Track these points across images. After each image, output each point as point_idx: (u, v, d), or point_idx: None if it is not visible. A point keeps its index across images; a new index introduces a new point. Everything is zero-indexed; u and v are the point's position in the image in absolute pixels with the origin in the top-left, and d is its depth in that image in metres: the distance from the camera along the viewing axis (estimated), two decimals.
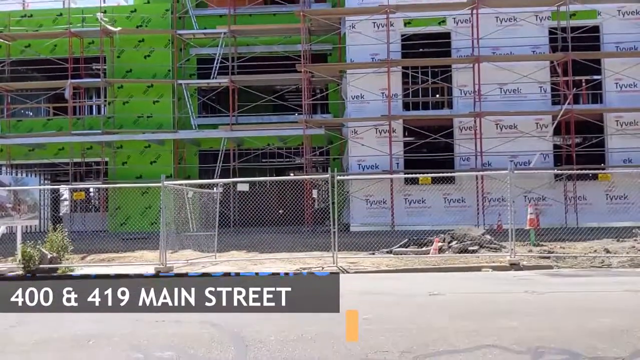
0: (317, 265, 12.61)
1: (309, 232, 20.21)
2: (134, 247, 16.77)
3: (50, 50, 24.74)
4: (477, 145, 20.77)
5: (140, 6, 25.23)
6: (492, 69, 20.95)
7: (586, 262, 12.30)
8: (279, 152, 25.12)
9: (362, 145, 21.39)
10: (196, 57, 25.25)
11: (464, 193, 21.12)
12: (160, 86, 24.43)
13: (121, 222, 23.49)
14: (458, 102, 21.74)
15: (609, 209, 20.50)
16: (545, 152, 21.06)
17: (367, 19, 21.60)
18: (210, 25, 24.75)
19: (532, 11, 21.26)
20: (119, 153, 24.30)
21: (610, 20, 21.29)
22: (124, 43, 24.53)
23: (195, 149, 24.89)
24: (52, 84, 24.97)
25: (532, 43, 21.35)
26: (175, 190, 14.41)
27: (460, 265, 12.19)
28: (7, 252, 13.97)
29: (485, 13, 21.07)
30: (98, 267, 13.84)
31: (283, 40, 24.75)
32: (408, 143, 21.95)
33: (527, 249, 13.81)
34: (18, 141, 23.92)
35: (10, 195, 13.86)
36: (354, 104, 21.78)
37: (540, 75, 21.17)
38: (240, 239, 17.96)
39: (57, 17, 25.06)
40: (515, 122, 21.11)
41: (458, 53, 21.70)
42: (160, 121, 24.37)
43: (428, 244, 14.01)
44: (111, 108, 24.66)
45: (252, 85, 24.71)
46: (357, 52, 21.86)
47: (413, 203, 21.28)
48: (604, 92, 21.49)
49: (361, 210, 21.26)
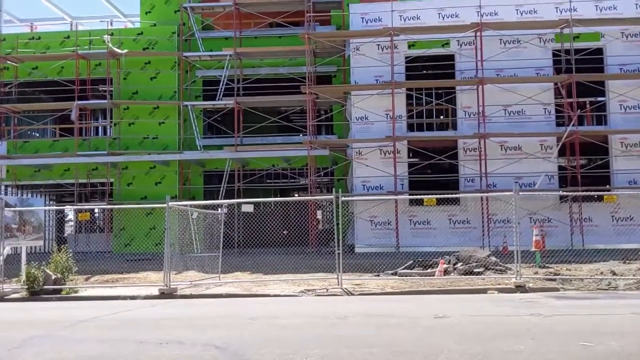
0: (321, 287, 12.55)
1: (313, 253, 20.14)
2: (138, 268, 16.73)
3: (58, 72, 24.98)
4: (482, 167, 20.77)
5: (147, 29, 25.50)
6: (496, 91, 21.02)
7: (592, 285, 12.20)
8: (283, 173, 25.16)
9: (367, 166, 21.42)
10: (202, 79, 25.45)
11: (469, 214, 21.07)
12: (166, 107, 24.59)
13: (126, 242, 23.50)
14: (462, 124, 21.79)
15: (615, 230, 20.40)
16: (550, 174, 21.04)
17: (371, 41, 21.77)
18: (216, 48, 24.98)
19: (536, 34, 21.39)
20: (124, 174, 24.38)
21: (614, 43, 21.40)
22: (130, 65, 24.76)
23: (200, 169, 24.96)
24: (59, 106, 25.18)
25: (536, 65, 21.46)
26: (179, 211, 14.43)
27: (466, 287, 12.10)
28: (11, 273, 13.97)
29: (489, 35, 21.21)
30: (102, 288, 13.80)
31: (288, 62, 24.94)
32: (412, 164, 21.95)
33: (533, 271, 13.71)
34: (24, 162, 24.05)
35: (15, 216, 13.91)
36: (358, 125, 21.86)
37: (544, 97, 21.24)
38: (245, 260, 17.91)
39: (65, 39, 25.35)
40: (519, 144, 21.13)
41: (462, 75, 21.81)
42: (166, 142, 24.48)
43: (433, 265, 13.93)
44: (117, 129, 24.81)
45: (257, 106, 24.85)
46: (362, 74, 21.99)
47: (418, 224, 21.22)
48: (609, 114, 21.51)
49: (366, 232, 21.21)
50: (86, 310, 10.42)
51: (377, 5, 22.40)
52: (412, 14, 22.12)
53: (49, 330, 8.31)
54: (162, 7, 25.80)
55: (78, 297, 12.76)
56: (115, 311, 10.19)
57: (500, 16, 21.68)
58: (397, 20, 21.73)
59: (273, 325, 8.48)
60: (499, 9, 21.75)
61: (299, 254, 18.87)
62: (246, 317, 9.09)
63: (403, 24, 21.86)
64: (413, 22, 22.01)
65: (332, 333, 7.64)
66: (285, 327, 8.23)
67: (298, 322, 8.69)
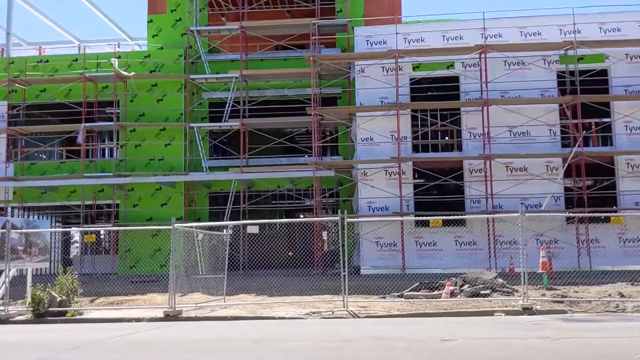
0: (327, 309, 12.48)
1: (318, 274, 20.06)
2: (144, 290, 16.70)
3: (65, 94, 25.19)
4: (488, 188, 20.73)
5: (154, 52, 25.75)
6: (501, 112, 21.06)
7: (600, 307, 12.08)
8: (289, 194, 25.18)
9: (372, 187, 21.42)
10: (208, 101, 25.62)
11: (476, 236, 20.98)
12: (173, 129, 24.73)
13: (131, 264, 23.48)
14: (468, 145, 21.80)
15: (623, 251, 20.26)
16: (556, 195, 20.97)
17: (376, 63, 21.91)
18: (223, 70, 25.18)
19: (540, 55, 21.48)
20: (130, 195, 24.45)
21: (618, 64, 21.47)
22: (137, 87, 24.98)
23: (206, 191, 25.01)
24: (66, 128, 25.36)
25: (540, 86, 21.51)
26: (185, 232, 14.43)
27: (473, 310, 12.01)
28: (17, 295, 13.96)
29: (493, 57, 21.31)
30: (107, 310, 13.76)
31: (293, 84, 25.10)
32: (418, 185, 21.94)
33: (540, 293, 13.62)
34: (31, 184, 24.15)
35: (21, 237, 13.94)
36: (363, 146, 21.91)
37: (549, 118, 21.26)
38: (250, 281, 17.86)
39: (73, 62, 25.60)
40: (525, 165, 21.11)
41: (467, 96, 21.88)
42: (172, 164, 24.58)
43: (439, 287, 13.86)
44: (123, 151, 24.93)
45: (262, 128, 24.96)
46: (367, 96, 22.10)
47: (424, 245, 21.14)
48: (614, 135, 21.49)
49: (371, 253, 21.13)
50: (91, 333, 10.39)
51: (382, 28, 22.58)
52: (417, 36, 22.27)
53: (52, 353, 8.28)
54: (169, 31, 26.09)
55: (83, 319, 12.73)
56: (120, 334, 10.15)
57: (504, 38, 21.82)
58: (401, 43, 21.88)
59: (278, 348, 8.43)
60: (503, 31, 21.89)
61: (304, 275, 18.80)
62: (251, 340, 9.04)
63: (407, 46, 22.01)
64: (417, 44, 22.16)
65: (338, 356, 7.59)
66: (291, 350, 8.17)
67: (304, 345, 8.63)
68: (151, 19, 26.40)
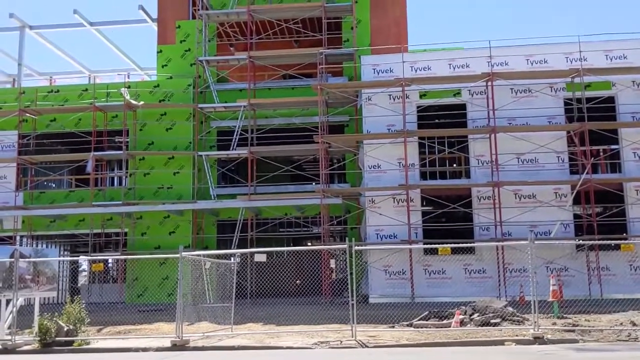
0: (335, 338, 12.36)
1: (326, 303, 19.92)
2: (151, 319, 16.62)
3: (75, 124, 25.45)
4: (496, 215, 20.63)
5: (163, 81, 26.05)
6: (508, 139, 21.07)
7: (612, 336, 11.92)
8: (296, 221, 25.15)
9: (380, 215, 21.36)
10: (216, 130, 25.80)
11: (485, 264, 20.82)
12: (181, 158, 24.88)
13: (139, 293, 23.41)
14: (476, 172, 21.78)
15: (634, 279, 20.04)
16: (566, 222, 20.84)
17: (383, 91, 22.03)
18: (231, 99, 25.41)
19: (547, 83, 21.55)
20: (138, 224, 24.50)
21: (625, 92, 21.50)
22: (146, 116, 25.22)
23: (214, 219, 25.03)
24: (76, 157, 25.58)
25: (548, 114, 21.54)
26: (192, 261, 14.42)
27: (483, 339, 11.86)
28: (24, 324, 13.91)
29: (500, 85, 21.40)
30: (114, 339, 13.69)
31: (301, 113, 25.27)
32: (426, 212, 21.86)
33: (551, 322, 13.45)
34: (40, 212, 24.26)
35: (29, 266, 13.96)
36: (371, 173, 21.92)
37: (557, 145, 21.24)
38: (258, 310, 17.75)
39: (83, 92, 25.90)
40: (534, 192, 21.03)
41: (474, 123, 21.91)
42: (180, 192, 24.67)
43: (449, 316, 13.72)
44: (132, 179, 25.06)
45: (270, 156, 25.07)
46: (374, 123, 22.17)
47: (433, 274, 20.98)
48: (623, 162, 21.42)
49: (380, 281, 20.99)
50: None
51: (389, 57, 22.75)
52: (423, 64, 22.41)
53: None
54: (179, 61, 26.41)
55: (90, 349, 12.66)
56: None
57: (510, 66, 21.91)
58: (408, 71, 22.03)
59: None
60: (509, 59, 22.00)
61: (312, 304, 18.68)
62: None
63: (414, 74, 22.14)
64: (424, 72, 22.29)
65: None
66: None
67: None
68: (161, 49, 26.76)
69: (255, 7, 25.74)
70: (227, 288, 15.41)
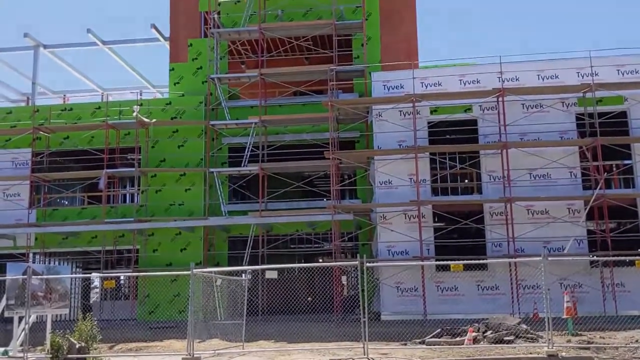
0: (347, 356, 12.28)
1: (338, 320, 19.80)
2: (162, 336, 16.61)
3: (88, 141, 25.66)
4: (509, 231, 20.49)
5: (175, 99, 26.24)
6: (520, 155, 20.98)
7: (628, 353, 11.76)
8: (307, 238, 25.11)
9: (392, 231, 21.29)
10: (228, 146, 25.90)
11: (498, 280, 20.65)
12: (193, 174, 24.99)
13: (150, 310, 23.40)
14: (487, 187, 21.68)
15: None
16: (579, 238, 20.66)
17: (394, 107, 22.06)
18: (242, 116, 25.52)
19: (558, 98, 21.49)
20: (150, 240, 24.56)
21: (638, 106, 21.38)
22: (158, 134, 25.39)
23: (225, 235, 25.05)
24: (88, 174, 25.75)
25: (559, 129, 21.46)
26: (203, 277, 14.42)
27: (496, 357, 11.74)
28: (36, 342, 13.96)
29: (511, 100, 21.36)
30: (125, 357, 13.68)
31: (311, 129, 25.32)
32: (438, 228, 21.76)
33: (566, 339, 13.30)
34: (53, 230, 24.39)
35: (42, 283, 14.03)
36: (382, 189, 21.89)
37: (569, 161, 21.12)
38: (269, 327, 17.68)
39: (96, 110, 26.13)
40: (546, 207, 20.89)
41: (485, 139, 21.86)
42: (192, 208, 24.73)
43: (462, 333, 13.60)
44: (144, 196, 25.17)
45: (281, 172, 25.12)
46: (385, 139, 22.18)
47: (445, 290, 20.83)
48: (636, 177, 21.24)
49: (392, 298, 20.85)
50: None
51: (399, 73, 22.80)
52: (434, 80, 22.44)
53: None
54: (190, 78, 26.61)
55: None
56: None
57: (521, 81, 21.88)
58: (418, 87, 22.07)
59: None
60: (520, 74, 21.97)
61: (323, 321, 18.58)
62: None
63: (424, 90, 22.17)
64: (434, 88, 22.31)
65: None
66: None
67: None
68: (173, 67, 27.00)
69: (266, 25, 25.94)
70: (238, 305, 15.38)
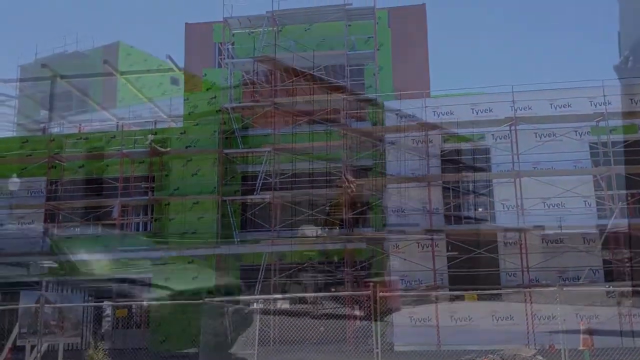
0: None
1: (350, 351, 19.56)
2: None
3: (102, 170, 25.88)
4: (523, 261, 20.27)
5: (190, 128, 26.46)
6: (533, 183, 20.86)
7: None
8: (320, 266, 24.95)
9: (405, 260, 21.14)
10: (241, 175, 25.99)
11: (512, 310, 20.35)
12: (205, 203, 25.04)
13: (161, 339, 23.26)
14: (501, 216, 21.53)
15: None
16: (595, 268, 20.38)
17: (406, 136, 22.10)
18: (255, 144, 25.66)
19: (571, 127, 21.43)
20: (162, 269, 24.52)
21: None
22: (172, 162, 25.55)
23: (237, 263, 24.97)
24: (102, 202, 25.89)
25: (573, 158, 21.34)
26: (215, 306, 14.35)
27: None
28: None
29: (524, 129, 21.33)
30: None
31: (324, 157, 25.36)
32: (451, 258, 21.57)
33: None
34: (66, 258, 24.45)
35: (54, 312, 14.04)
36: (395, 218, 21.79)
37: (583, 189, 20.96)
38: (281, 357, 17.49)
39: (111, 139, 26.41)
40: (561, 237, 20.68)
41: (498, 168, 21.79)
42: (204, 237, 24.72)
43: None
44: (157, 225, 25.23)
45: (293, 200, 25.10)
46: (397, 167, 22.19)
47: (459, 321, 20.56)
48: None
49: (405, 328, 20.59)
50: None
51: (411, 102, 22.89)
52: (446, 109, 22.51)
53: None
54: (205, 108, 26.86)
55: None
56: None
57: (534, 110, 21.87)
58: (430, 116, 22.13)
59: None
60: (532, 103, 21.98)
61: (336, 352, 18.36)
62: None
63: (437, 119, 22.23)
64: (447, 117, 22.36)
65: None
66: None
67: None
68: (187, 96, 27.32)
69: (279, 56, 26.21)
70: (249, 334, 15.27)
